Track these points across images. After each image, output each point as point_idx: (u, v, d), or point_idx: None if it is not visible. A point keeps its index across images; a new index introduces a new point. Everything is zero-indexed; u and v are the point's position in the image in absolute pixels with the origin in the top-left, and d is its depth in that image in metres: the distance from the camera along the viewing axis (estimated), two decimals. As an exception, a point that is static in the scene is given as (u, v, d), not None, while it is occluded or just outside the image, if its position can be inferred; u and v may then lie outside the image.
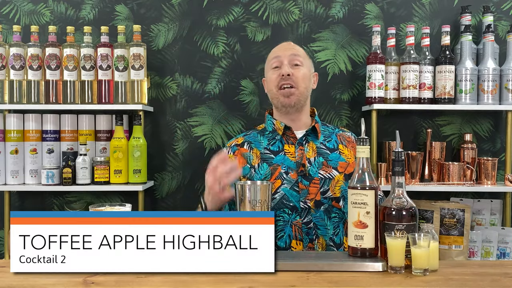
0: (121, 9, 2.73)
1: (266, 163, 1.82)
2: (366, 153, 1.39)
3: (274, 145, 1.87)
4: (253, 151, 1.87)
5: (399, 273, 1.28)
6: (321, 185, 1.78)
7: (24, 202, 2.75)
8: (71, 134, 2.58)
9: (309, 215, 1.76)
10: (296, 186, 1.76)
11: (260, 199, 1.37)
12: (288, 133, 1.88)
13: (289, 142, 1.86)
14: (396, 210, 1.32)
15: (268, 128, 1.93)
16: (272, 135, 1.90)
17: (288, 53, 1.88)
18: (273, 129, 1.90)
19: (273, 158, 1.83)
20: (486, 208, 2.61)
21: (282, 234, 1.75)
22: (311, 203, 1.76)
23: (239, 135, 1.99)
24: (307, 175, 1.79)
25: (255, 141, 1.91)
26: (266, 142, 1.89)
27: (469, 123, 2.72)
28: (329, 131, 1.95)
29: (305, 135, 1.87)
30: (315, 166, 1.80)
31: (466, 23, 2.58)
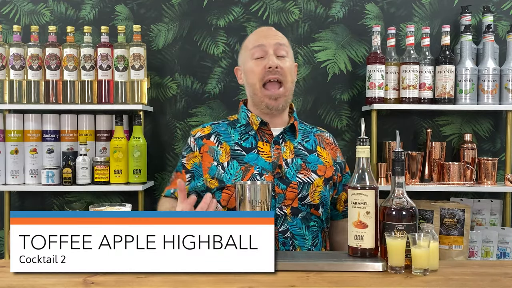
0: (121, 9, 2.73)
1: (237, 161, 1.64)
2: (366, 153, 1.39)
3: (246, 140, 1.68)
4: (222, 146, 1.68)
5: (399, 273, 1.28)
6: (300, 190, 1.62)
7: (24, 202, 2.75)
8: (71, 134, 2.58)
9: (285, 223, 1.61)
10: (272, 190, 1.59)
11: (260, 199, 1.36)
12: (264, 129, 1.69)
13: (264, 140, 1.68)
14: (396, 210, 1.32)
15: (242, 121, 1.72)
16: (245, 129, 1.70)
17: (273, 41, 1.66)
18: (247, 122, 1.70)
19: (245, 156, 1.65)
20: (486, 208, 2.61)
21: None
22: (288, 210, 1.61)
23: (207, 123, 1.80)
24: (284, 178, 1.62)
25: (225, 133, 1.72)
26: (238, 136, 1.70)
27: (469, 123, 2.72)
28: (307, 129, 1.79)
29: (282, 133, 1.69)
30: (292, 169, 1.64)
31: (466, 23, 2.58)
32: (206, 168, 1.67)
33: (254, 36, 1.74)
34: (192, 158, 1.72)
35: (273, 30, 1.75)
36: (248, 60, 1.69)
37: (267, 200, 1.38)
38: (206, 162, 1.68)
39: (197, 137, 1.73)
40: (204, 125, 1.78)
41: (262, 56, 1.66)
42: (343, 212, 1.80)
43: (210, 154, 1.68)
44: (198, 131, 1.75)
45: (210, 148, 1.69)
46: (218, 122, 1.78)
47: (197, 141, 1.72)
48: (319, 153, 1.72)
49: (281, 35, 1.73)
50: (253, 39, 1.71)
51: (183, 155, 1.76)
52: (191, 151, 1.74)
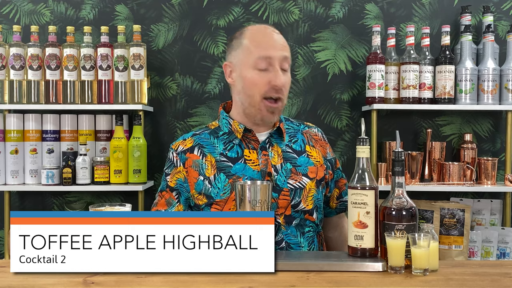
0: (121, 9, 2.73)
1: (224, 173, 1.54)
2: (366, 153, 1.39)
3: (231, 150, 1.58)
4: (207, 159, 1.58)
5: (399, 273, 1.28)
6: (292, 196, 1.55)
7: (24, 202, 2.75)
8: (71, 134, 2.58)
9: (280, 233, 1.55)
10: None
11: (260, 199, 1.36)
12: (248, 136, 1.59)
13: (250, 147, 1.58)
14: (396, 210, 1.32)
15: (224, 129, 1.62)
16: (229, 137, 1.60)
17: (281, 55, 1.54)
18: (230, 130, 1.60)
19: (231, 166, 1.55)
20: (486, 208, 2.61)
21: None
22: (281, 219, 1.54)
23: (187, 134, 1.67)
24: (275, 186, 1.54)
25: (208, 144, 1.61)
26: (222, 146, 1.59)
27: (469, 123, 2.72)
28: (293, 128, 1.69)
29: (269, 138, 1.60)
30: (282, 175, 1.56)
31: (466, 23, 2.58)
32: (192, 184, 1.58)
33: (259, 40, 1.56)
34: (175, 174, 1.62)
35: (279, 37, 1.58)
36: (248, 67, 1.54)
37: (267, 200, 1.38)
38: (192, 178, 1.58)
39: (180, 151, 1.62)
40: (185, 136, 1.66)
41: (267, 68, 1.53)
42: (336, 208, 1.76)
43: (195, 169, 1.58)
44: (179, 145, 1.64)
45: (195, 162, 1.59)
46: (199, 132, 1.66)
47: (180, 155, 1.62)
48: (308, 153, 1.64)
49: (286, 43, 1.59)
50: (259, 46, 1.54)
51: (167, 173, 1.65)
52: (174, 166, 1.63)
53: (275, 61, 1.53)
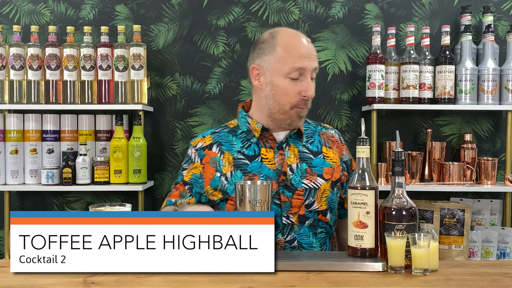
0: (121, 9, 2.73)
1: (240, 171, 1.58)
2: (366, 153, 1.39)
3: (249, 148, 1.61)
4: (224, 156, 1.61)
5: (399, 273, 1.28)
6: (306, 196, 1.57)
7: (24, 202, 2.75)
8: (71, 134, 2.58)
9: (292, 232, 1.57)
10: (277, 199, 1.55)
11: (260, 199, 1.36)
12: (266, 135, 1.62)
13: (267, 146, 1.61)
14: (396, 210, 1.32)
15: (242, 128, 1.65)
16: (247, 136, 1.63)
17: (313, 66, 1.57)
18: (248, 129, 1.64)
19: (248, 164, 1.58)
20: (486, 208, 2.61)
21: None
22: (295, 218, 1.57)
23: (206, 132, 1.71)
24: (289, 185, 1.57)
25: (227, 142, 1.65)
26: (240, 144, 1.62)
27: (469, 123, 2.72)
28: (311, 129, 1.71)
29: (287, 138, 1.63)
30: (298, 174, 1.59)
31: (466, 23, 2.58)
32: (207, 180, 1.62)
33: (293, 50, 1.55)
34: (192, 169, 1.65)
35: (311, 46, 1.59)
36: (280, 76, 1.56)
37: (267, 200, 1.38)
38: (208, 173, 1.62)
39: (198, 147, 1.66)
40: (204, 134, 1.70)
41: (298, 78, 1.55)
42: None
43: (212, 165, 1.62)
44: (199, 142, 1.67)
45: (212, 159, 1.62)
46: (218, 130, 1.70)
47: (199, 151, 1.65)
48: (324, 155, 1.65)
49: (316, 52, 1.62)
50: (293, 56, 1.54)
51: (184, 168, 1.69)
52: (191, 162, 1.67)
53: (307, 72, 1.55)
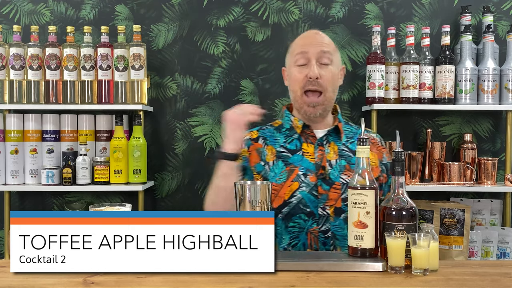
0: (121, 9, 2.73)
1: (282, 161, 1.67)
2: (366, 153, 1.39)
3: (291, 143, 1.71)
4: (268, 147, 1.72)
5: (399, 273, 1.28)
6: (343, 191, 1.62)
7: (24, 202, 2.75)
8: (71, 134, 2.58)
9: (327, 223, 1.61)
10: (315, 191, 1.62)
11: (260, 199, 1.36)
12: (307, 132, 1.72)
13: (308, 141, 1.71)
14: (396, 210, 1.32)
15: (286, 125, 1.76)
16: (289, 132, 1.74)
17: (317, 50, 1.66)
18: (291, 126, 1.74)
19: (290, 157, 1.68)
20: (486, 208, 2.61)
21: (296, 241, 1.63)
22: (331, 210, 1.61)
23: (253, 128, 1.81)
24: (327, 179, 1.63)
25: (271, 137, 1.76)
26: (283, 139, 1.73)
27: (469, 123, 2.72)
28: (352, 131, 1.79)
29: (326, 135, 1.71)
30: (336, 170, 1.65)
31: (466, 23, 2.58)
32: (253, 162, 1.71)
33: (299, 41, 1.74)
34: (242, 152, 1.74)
35: (319, 36, 1.72)
36: (292, 66, 1.71)
37: (267, 200, 1.38)
38: (254, 158, 1.72)
39: (245, 139, 1.75)
40: (251, 130, 1.79)
41: (305, 63, 1.66)
42: None
43: (258, 154, 1.72)
44: (247, 135, 1.77)
45: (258, 150, 1.73)
46: (264, 127, 1.80)
47: (246, 142, 1.75)
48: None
49: (327, 41, 1.71)
50: (298, 45, 1.71)
51: None
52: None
53: (311, 55, 1.65)
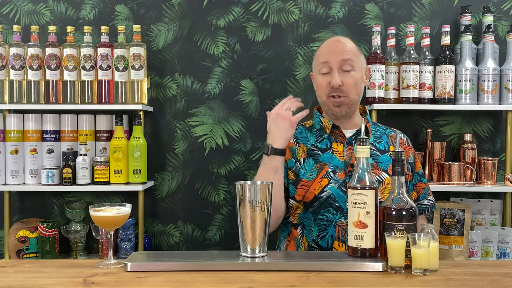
0: (121, 9, 2.73)
1: (313, 159, 1.77)
2: (366, 153, 1.40)
3: (321, 142, 1.81)
4: (299, 146, 1.82)
5: (399, 273, 1.28)
6: None
7: (24, 202, 2.75)
8: (71, 134, 2.58)
9: None
10: (344, 187, 1.71)
11: (260, 199, 1.37)
12: (336, 132, 1.82)
13: (337, 141, 1.81)
14: (396, 210, 1.32)
15: (316, 126, 1.87)
16: (320, 132, 1.84)
17: (338, 58, 1.76)
18: (321, 127, 1.85)
19: (320, 155, 1.78)
20: (486, 208, 2.61)
21: (325, 233, 1.70)
22: None
23: None
24: None
25: (302, 137, 1.86)
26: (314, 139, 1.83)
27: (469, 123, 2.72)
28: (380, 131, 1.89)
29: (355, 135, 1.81)
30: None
31: (466, 23, 2.58)
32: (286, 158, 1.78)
33: (323, 49, 1.83)
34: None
35: (340, 44, 1.80)
36: (316, 73, 1.82)
37: (267, 200, 1.38)
38: (287, 155, 1.79)
39: None
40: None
41: (327, 72, 1.77)
42: None
43: (290, 152, 1.81)
44: None
45: (290, 148, 1.81)
46: (296, 127, 1.85)
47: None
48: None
49: (348, 49, 1.79)
50: (322, 54, 1.81)
51: None
52: None
53: (333, 64, 1.76)
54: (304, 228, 1.75)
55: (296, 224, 1.78)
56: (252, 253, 1.37)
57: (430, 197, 1.88)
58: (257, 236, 1.36)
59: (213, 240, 2.73)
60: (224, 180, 2.72)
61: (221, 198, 2.72)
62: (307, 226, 1.74)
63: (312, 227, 1.73)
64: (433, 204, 1.88)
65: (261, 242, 1.37)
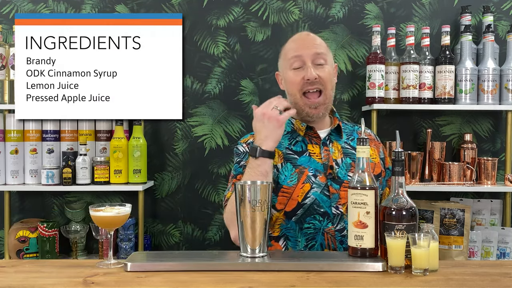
0: (121, 9, 2.73)
1: (290, 163, 1.67)
2: (366, 153, 1.40)
3: (296, 145, 1.71)
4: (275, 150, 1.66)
5: (399, 273, 1.28)
6: None
7: (24, 202, 2.75)
8: (71, 134, 2.58)
9: (342, 222, 1.62)
10: (327, 190, 1.63)
11: (260, 199, 1.37)
12: (310, 133, 1.72)
13: (312, 142, 1.71)
14: (396, 210, 1.32)
15: (287, 129, 1.73)
16: (292, 135, 1.73)
17: (311, 52, 1.67)
18: (293, 129, 1.74)
19: (297, 158, 1.68)
20: (486, 208, 2.61)
21: (313, 243, 1.63)
22: (343, 209, 1.62)
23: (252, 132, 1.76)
24: (336, 178, 1.64)
25: None
26: (287, 142, 1.72)
27: (469, 123, 2.72)
28: (349, 129, 1.81)
29: (328, 135, 1.73)
30: (343, 168, 1.67)
31: (466, 23, 2.58)
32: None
33: (292, 44, 1.74)
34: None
35: (310, 38, 1.74)
36: (287, 69, 1.71)
37: (267, 200, 1.38)
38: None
39: (250, 142, 1.73)
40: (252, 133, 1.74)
41: (300, 66, 1.67)
42: None
43: None
44: (249, 139, 1.75)
45: None
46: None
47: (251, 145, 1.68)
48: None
49: (319, 42, 1.73)
50: (291, 49, 1.72)
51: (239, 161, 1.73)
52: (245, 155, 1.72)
53: (306, 58, 1.67)
54: (288, 239, 1.65)
55: (277, 236, 1.66)
56: (252, 253, 1.37)
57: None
58: (257, 236, 1.36)
59: (213, 240, 2.73)
60: (224, 180, 2.72)
61: (221, 198, 2.72)
62: (292, 237, 1.64)
63: (298, 237, 1.63)
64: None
65: (261, 242, 1.37)
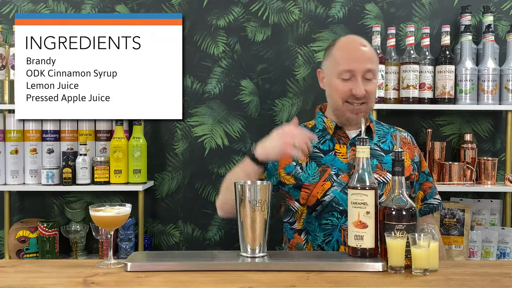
0: (121, 9, 2.73)
1: (315, 162, 1.71)
2: (366, 153, 1.40)
3: (324, 143, 1.75)
4: None
5: (399, 273, 1.28)
6: None
7: (24, 202, 2.75)
8: (71, 134, 2.58)
9: None
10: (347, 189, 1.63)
11: (260, 199, 1.37)
12: (339, 133, 1.76)
13: (340, 142, 1.74)
14: (396, 210, 1.32)
15: (318, 126, 1.80)
16: (322, 133, 1.77)
17: (363, 68, 1.68)
18: (323, 127, 1.78)
19: (322, 157, 1.71)
20: (486, 208, 2.61)
21: (330, 238, 1.65)
22: None
23: None
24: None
25: None
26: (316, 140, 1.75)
27: (469, 123, 2.72)
28: (383, 130, 1.82)
29: (358, 135, 1.70)
30: None
31: (466, 23, 2.58)
32: (282, 164, 1.73)
33: (344, 53, 1.71)
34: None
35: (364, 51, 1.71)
36: (334, 76, 1.71)
37: (267, 200, 1.38)
38: (284, 160, 1.72)
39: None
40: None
41: (349, 79, 1.68)
42: (420, 210, 1.80)
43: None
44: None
45: None
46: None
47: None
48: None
49: (371, 56, 1.72)
50: (343, 58, 1.70)
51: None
52: None
53: (357, 73, 1.68)
54: (308, 233, 1.70)
55: (300, 229, 1.72)
56: (252, 253, 1.37)
57: (437, 196, 1.83)
58: (257, 236, 1.36)
59: (213, 240, 2.73)
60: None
61: (221, 198, 2.72)
62: (312, 232, 1.69)
63: (317, 232, 1.68)
64: (440, 203, 1.83)
65: (261, 242, 1.37)
